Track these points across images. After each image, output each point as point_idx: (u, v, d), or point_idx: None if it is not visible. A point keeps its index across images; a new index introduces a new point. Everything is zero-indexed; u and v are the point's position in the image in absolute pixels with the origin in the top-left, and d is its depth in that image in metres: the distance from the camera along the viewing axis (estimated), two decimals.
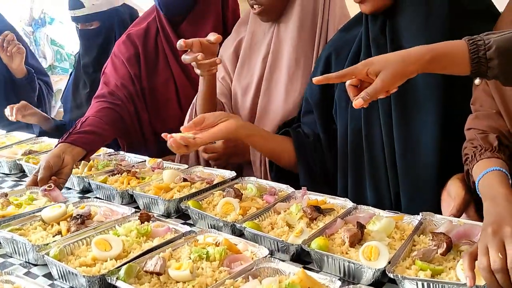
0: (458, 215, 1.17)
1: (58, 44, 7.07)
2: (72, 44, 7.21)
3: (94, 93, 2.05)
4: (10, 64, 2.51)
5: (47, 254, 1.03)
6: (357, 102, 0.96)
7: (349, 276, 1.02)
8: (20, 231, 1.15)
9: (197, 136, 1.31)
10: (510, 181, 1.02)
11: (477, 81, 0.95)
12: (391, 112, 1.32)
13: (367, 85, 0.97)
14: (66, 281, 1.00)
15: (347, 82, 1.02)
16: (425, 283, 0.93)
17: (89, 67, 2.34)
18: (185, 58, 1.46)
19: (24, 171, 1.75)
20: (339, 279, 0.95)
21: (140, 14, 2.43)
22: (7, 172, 1.77)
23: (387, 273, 0.96)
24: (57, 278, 1.02)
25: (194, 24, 1.96)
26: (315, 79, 1.03)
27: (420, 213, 1.19)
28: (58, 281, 1.02)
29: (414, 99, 1.29)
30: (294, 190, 1.42)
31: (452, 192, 1.23)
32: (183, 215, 1.37)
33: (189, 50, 1.44)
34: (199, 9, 1.95)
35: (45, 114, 2.48)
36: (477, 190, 1.06)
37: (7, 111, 2.30)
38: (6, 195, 1.33)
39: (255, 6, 1.62)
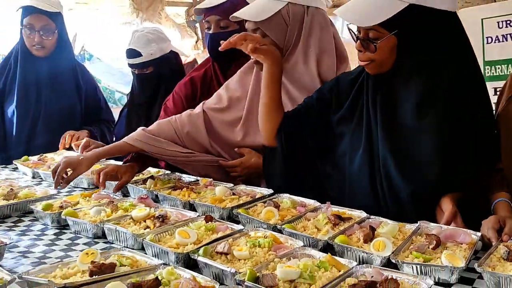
0: (447, 223, 1.55)
1: (95, 79, 7.67)
2: (107, 79, 7.81)
3: (148, 125, 2.51)
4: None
5: (145, 239, 1.43)
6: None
7: (363, 263, 1.40)
8: (119, 225, 1.56)
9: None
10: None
11: None
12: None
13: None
14: (159, 258, 1.39)
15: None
16: (418, 266, 1.31)
17: (144, 105, 2.79)
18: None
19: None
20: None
21: (181, 57, 2.92)
22: (86, 186, 2.20)
23: (391, 259, 1.34)
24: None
25: (238, 68, 2.42)
26: None
27: (418, 221, 1.57)
28: None
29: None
30: (320, 204, 1.81)
31: (443, 207, 1.61)
32: (233, 221, 1.76)
33: None
34: (243, 57, 2.39)
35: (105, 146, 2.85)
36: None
37: (74, 147, 2.70)
38: (112, 202, 1.76)
39: (252, 57, 2.05)
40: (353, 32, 1.66)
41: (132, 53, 2.74)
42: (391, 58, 1.62)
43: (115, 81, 7.90)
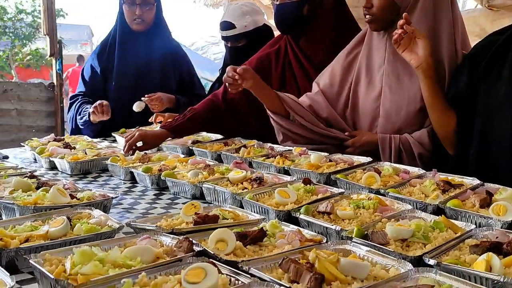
0: None
1: None
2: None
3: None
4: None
5: (244, 197, 1.41)
6: None
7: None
8: (218, 186, 1.55)
9: None
10: None
11: None
12: None
13: None
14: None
15: None
16: None
17: None
18: None
19: (193, 153, 2.19)
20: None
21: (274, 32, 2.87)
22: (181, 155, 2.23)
23: None
24: None
25: (310, 40, 2.36)
26: None
27: None
28: None
29: None
30: (425, 171, 1.69)
31: None
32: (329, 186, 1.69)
33: None
34: (312, 28, 2.33)
35: None
36: None
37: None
38: (209, 166, 1.77)
39: (367, 16, 1.95)
40: None
41: (226, 25, 2.72)
42: None
43: (200, 68, 8.12)
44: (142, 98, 2.73)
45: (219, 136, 2.43)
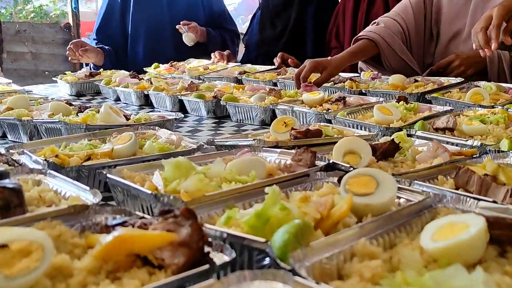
0: None
1: None
2: None
3: (284, 31, 2.25)
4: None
5: (336, 116, 1.15)
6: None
7: None
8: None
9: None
10: None
11: None
12: None
13: None
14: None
15: None
16: None
17: (279, 6, 2.46)
18: None
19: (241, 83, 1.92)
20: None
21: None
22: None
23: None
24: None
25: None
26: None
27: None
28: None
29: None
30: None
31: None
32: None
33: None
34: None
35: None
36: None
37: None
38: (274, 89, 1.53)
39: None
40: None
41: None
42: None
43: None
44: (178, 26, 2.42)
45: (266, 67, 2.15)
